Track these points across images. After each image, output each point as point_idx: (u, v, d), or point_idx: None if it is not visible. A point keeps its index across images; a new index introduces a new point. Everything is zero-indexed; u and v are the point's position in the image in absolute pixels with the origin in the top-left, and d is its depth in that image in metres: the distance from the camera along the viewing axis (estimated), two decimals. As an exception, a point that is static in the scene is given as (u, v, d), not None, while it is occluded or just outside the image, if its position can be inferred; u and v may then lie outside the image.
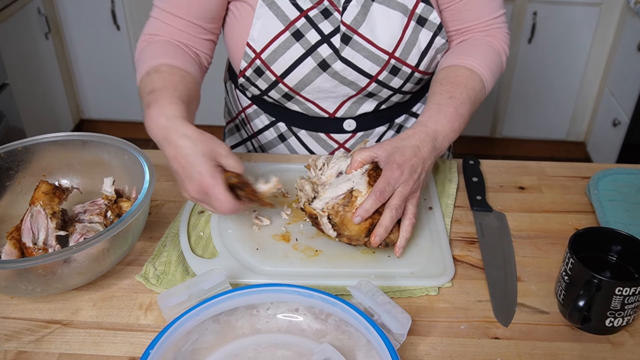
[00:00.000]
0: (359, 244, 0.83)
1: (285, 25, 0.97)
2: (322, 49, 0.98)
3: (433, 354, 0.71)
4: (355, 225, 0.81)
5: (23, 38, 2.49)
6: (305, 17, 0.97)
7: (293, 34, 0.97)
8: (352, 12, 0.97)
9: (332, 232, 0.83)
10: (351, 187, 0.83)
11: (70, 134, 0.91)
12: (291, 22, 0.97)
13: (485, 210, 0.95)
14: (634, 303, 0.70)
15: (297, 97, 1.04)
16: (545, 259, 0.86)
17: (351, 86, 1.02)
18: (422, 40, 0.99)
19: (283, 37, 0.98)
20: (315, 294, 0.69)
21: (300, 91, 1.03)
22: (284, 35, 0.97)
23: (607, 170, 1.02)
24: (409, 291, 0.80)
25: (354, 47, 0.98)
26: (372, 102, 1.07)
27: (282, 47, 0.98)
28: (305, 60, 0.99)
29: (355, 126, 1.09)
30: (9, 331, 0.75)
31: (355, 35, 0.97)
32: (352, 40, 0.97)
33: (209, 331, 0.70)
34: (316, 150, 1.14)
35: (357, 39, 0.97)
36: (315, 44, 0.98)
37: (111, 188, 0.88)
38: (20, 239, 0.81)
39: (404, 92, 1.06)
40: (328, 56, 0.98)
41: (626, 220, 0.90)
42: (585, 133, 2.91)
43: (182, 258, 0.85)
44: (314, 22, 0.97)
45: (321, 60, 0.99)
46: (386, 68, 1.00)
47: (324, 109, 1.06)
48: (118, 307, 0.78)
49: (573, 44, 2.65)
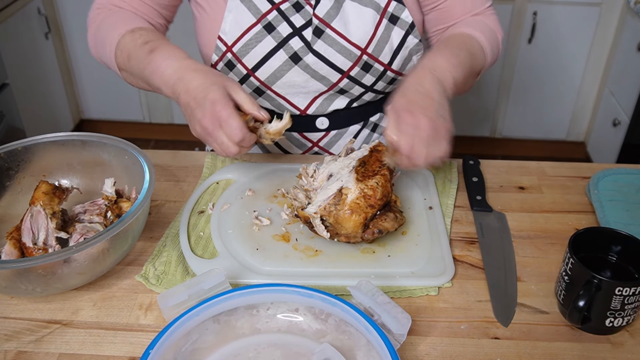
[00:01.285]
0: (357, 241, 0.83)
1: (257, 18, 0.98)
2: (293, 42, 0.98)
3: (433, 354, 0.72)
4: (350, 222, 0.81)
5: (23, 38, 2.49)
6: (277, 10, 0.98)
7: (265, 26, 0.98)
8: (325, 5, 0.98)
9: (326, 233, 0.83)
10: (340, 186, 0.84)
11: (70, 134, 0.91)
12: (263, 15, 0.98)
13: (485, 210, 0.95)
14: (634, 303, 0.70)
15: (268, 92, 1.05)
16: (545, 259, 0.86)
17: (322, 81, 1.02)
18: (395, 38, 1.00)
19: (254, 30, 0.98)
20: (315, 294, 0.69)
21: (271, 85, 1.03)
22: (256, 28, 0.98)
23: (607, 170, 1.02)
24: (409, 291, 0.80)
25: (326, 41, 0.98)
26: (344, 99, 1.06)
27: (253, 40, 0.99)
28: (277, 54, 0.99)
29: (328, 124, 1.09)
30: (9, 331, 0.75)
31: (328, 29, 0.98)
32: (324, 34, 0.98)
33: (209, 331, 0.70)
34: (289, 149, 1.13)
35: (330, 32, 0.98)
36: (287, 36, 0.98)
37: (112, 188, 0.88)
38: (20, 239, 0.81)
39: (376, 91, 1.06)
40: (299, 49, 0.99)
41: (626, 220, 0.90)
42: (585, 133, 2.91)
43: (182, 258, 0.85)
44: (285, 15, 0.98)
45: (292, 53, 0.99)
46: (358, 64, 1.00)
47: (295, 105, 1.06)
48: (118, 307, 0.78)
49: (573, 44, 2.65)
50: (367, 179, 0.84)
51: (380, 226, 0.82)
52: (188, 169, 1.06)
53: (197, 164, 1.07)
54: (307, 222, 0.85)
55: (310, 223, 0.84)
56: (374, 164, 0.87)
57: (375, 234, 0.82)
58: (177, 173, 1.05)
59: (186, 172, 1.06)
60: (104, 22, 1.00)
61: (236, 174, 1.02)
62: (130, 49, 0.92)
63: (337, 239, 0.84)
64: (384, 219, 0.83)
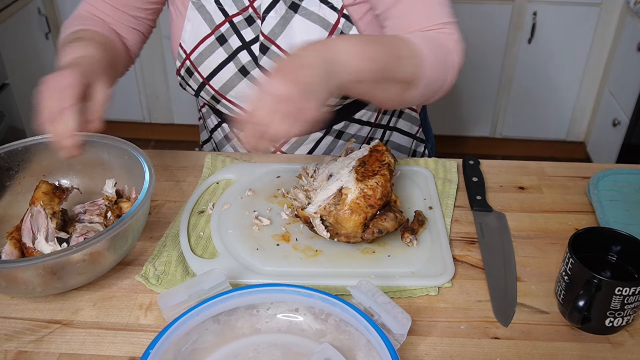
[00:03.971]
0: (357, 241, 0.83)
1: (212, 29, 1.00)
2: (241, 55, 1.00)
3: (433, 354, 0.72)
4: (350, 222, 0.81)
5: (23, 38, 2.49)
6: (230, 23, 1.00)
7: (217, 38, 1.00)
8: (270, 23, 0.98)
9: (326, 233, 0.83)
10: (340, 186, 0.84)
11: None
12: (217, 27, 1.00)
13: (485, 210, 0.95)
14: (634, 303, 0.70)
15: (224, 101, 1.07)
16: (545, 259, 0.86)
17: None
18: None
19: (209, 41, 1.01)
20: (315, 294, 0.69)
21: (225, 94, 1.05)
22: (210, 38, 1.00)
23: (607, 170, 1.02)
24: (409, 291, 0.80)
25: (271, 57, 0.99)
26: None
27: (207, 50, 1.01)
28: (228, 65, 1.01)
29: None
30: (9, 331, 0.75)
31: (272, 45, 0.98)
32: (269, 50, 0.99)
33: (209, 331, 0.70)
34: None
35: (275, 49, 0.99)
36: (236, 49, 1.00)
37: (112, 189, 0.88)
38: (20, 239, 0.81)
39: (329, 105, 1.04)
40: (247, 63, 1.01)
41: (626, 220, 0.90)
42: (585, 133, 2.91)
43: (182, 258, 0.85)
44: (237, 29, 0.99)
45: (241, 66, 1.01)
46: None
47: None
48: (118, 307, 0.78)
49: (573, 44, 2.65)
50: (367, 179, 0.84)
51: (380, 226, 0.83)
52: (188, 169, 1.06)
53: (197, 164, 1.08)
54: (307, 222, 0.85)
55: (310, 223, 0.84)
56: (373, 163, 0.88)
57: (375, 234, 0.82)
58: (177, 173, 1.05)
59: (186, 172, 1.06)
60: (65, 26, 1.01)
61: (236, 174, 1.02)
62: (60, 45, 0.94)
63: (337, 239, 0.84)
64: (384, 218, 0.83)
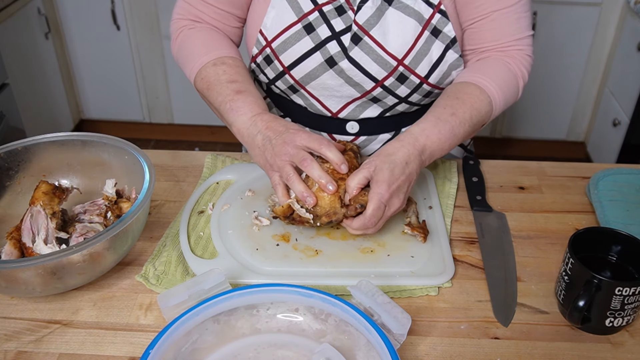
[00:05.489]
0: (339, 219, 0.84)
1: (298, 17, 0.97)
2: (330, 46, 0.98)
3: (433, 354, 0.72)
4: (326, 199, 0.83)
5: (23, 38, 2.49)
6: (319, 12, 0.97)
7: (305, 26, 0.97)
8: (366, 12, 0.96)
9: (309, 215, 0.84)
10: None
11: (70, 134, 0.91)
12: (304, 15, 0.97)
13: (485, 210, 0.95)
14: (634, 303, 0.70)
15: (302, 91, 1.04)
16: (545, 259, 0.86)
17: (356, 87, 1.01)
18: (434, 51, 0.97)
19: (294, 29, 0.98)
20: (315, 294, 0.69)
21: (305, 85, 1.03)
22: (296, 27, 0.98)
23: (607, 170, 1.02)
24: (409, 291, 0.80)
25: (362, 48, 0.97)
26: (377, 107, 1.05)
27: (292, 38, 0.98)
28: (313, 55, 0.98)
29: (358, 129, 1.09)
30: (9, 331, 0.75)
31: (366, 36, 0.96)
32: (362, 41, 0.96)
33: (209, 331, 0.70)
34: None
35: (367, 40, 0.96)
36: (325, 39, 0.97)
37: (113, 189, 0.88)
38: (20, 239, 0.81)
39: (410, 103, 1.04)
40: (336, 53, 0.98)
41: (626, 220, 0.90)
42: (585, 133, 2.91)
43: (182, 258, 0.85)
44: (326, 18, 0.97)
45: (329, 56, 0.98)
46: (393, 74, 0.98)
47: (328, 107, 1.05)
48: (118, 307, 0.78)
49: (573, 44, 2.65)
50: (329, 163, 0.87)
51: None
52: (188, 169, 1.06)
53: (197, 164, 1.08)
54: (287, 217, 0.85)
55: (292, 217, 0.85)
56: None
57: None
58: (177, 173, 1.06)
59: (186, 172, 1.06)
60: (185, 41, 1.05)
61: (236, 174, 1.02)
62: (212, 82, 0.97)
63: (319, 222, 0.84)
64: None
